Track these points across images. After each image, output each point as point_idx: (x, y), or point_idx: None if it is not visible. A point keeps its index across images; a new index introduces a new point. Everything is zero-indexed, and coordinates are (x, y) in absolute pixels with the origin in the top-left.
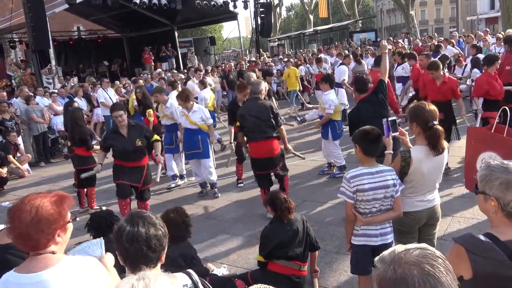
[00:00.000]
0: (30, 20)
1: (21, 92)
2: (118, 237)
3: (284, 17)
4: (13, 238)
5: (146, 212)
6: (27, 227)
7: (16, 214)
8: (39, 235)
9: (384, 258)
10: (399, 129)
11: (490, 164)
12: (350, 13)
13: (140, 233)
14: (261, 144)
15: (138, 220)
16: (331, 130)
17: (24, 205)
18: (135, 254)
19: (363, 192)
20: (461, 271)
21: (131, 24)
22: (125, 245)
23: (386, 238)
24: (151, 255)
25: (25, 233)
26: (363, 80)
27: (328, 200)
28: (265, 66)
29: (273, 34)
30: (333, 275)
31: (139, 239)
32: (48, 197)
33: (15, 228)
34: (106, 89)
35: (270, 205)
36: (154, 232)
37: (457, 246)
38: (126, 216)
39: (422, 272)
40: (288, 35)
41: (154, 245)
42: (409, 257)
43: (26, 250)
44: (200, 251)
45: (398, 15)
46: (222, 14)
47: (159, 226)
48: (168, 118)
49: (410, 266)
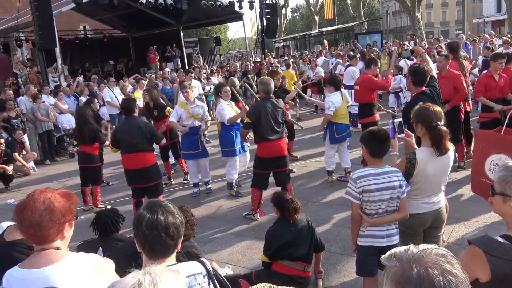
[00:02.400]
0: (37, 19)
1: (28, 90)
2: (138, 224)
3: (289, 18)
4: (24, 229)
5: (163, 201)
6: (40, 217)
7: (29, 204)
8: (51, 225)
9: (401, 257)
10: (405, 131)
11: (508, 165)
12: (356, 15)
13: (159, 221)
14: (275, 143)
15: (157, 208)
16: (329, 133)
17: (37, 196)
18: (153, 241)
19: (369, 193)
20: (477, 273)
21: (137, 23)
22: (145, 232)
23: (392, 239)
24: (169, 242)
25: (37, 223)
26: (423, 71)
27: (332, 201)
28: (270, 67)
29: (278, 35)
30: (338, 276)
31: (158, 227)
32: (58, 191)
33: (26, 219)
34: (112, 88)
35: (276, 205)
36: (172, 220)
37: (474, 247)
38: (144, 204)
39: (443, 272)
40: (293, 36)
41: (172, 233)
42: (430, 256)
43: (35, 243)
44: (204, 250)
45: (403, 17)
46: (228, 14)
47: (177, 214)
48: (196, 118)
49: (432, 265)
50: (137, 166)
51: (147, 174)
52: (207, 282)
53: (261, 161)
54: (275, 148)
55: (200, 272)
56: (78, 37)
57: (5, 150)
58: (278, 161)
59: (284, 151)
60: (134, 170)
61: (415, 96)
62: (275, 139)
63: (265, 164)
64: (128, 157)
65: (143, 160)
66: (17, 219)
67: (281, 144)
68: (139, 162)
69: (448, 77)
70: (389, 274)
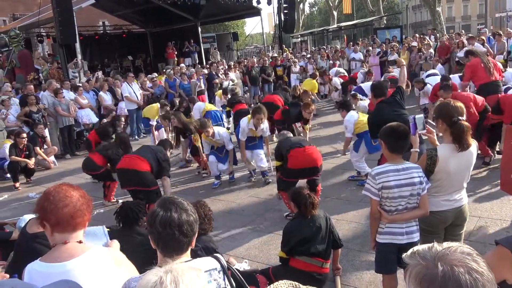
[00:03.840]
0: (58, 15)
1: (50, 85)
2: (151, 221)
3: (307, 13)
4: (63, 216)
5: (177, 198)
6: (78, 201)
7: (67, 192)
8: (86, 212)
9: (425, 255)
10: (427, 127)
11: None
12: (375, 10)
13: (172, 218)
14: (307, 151)
15: (171, 205)
16: (366, 144)
17: (67, 187)
18: (167, 238)
19: (388, 189)
20: (504, 275)
21: (155, 19)
22: (158, 229)
23: (413, 236)
24: (183, 239)
25: (77, 209)
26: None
27: (351, 198)
28: (288, 62)
29: (296, 30)
30: (356, 273)
31: (171, 224)
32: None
33: (67, 205)
34: (130, 83)
35: (293, 201)
36: (186, 217)
37: (501, 248)
38: (158, 201)
39: (469, 270)
40: (311, 31)
41: (186, 230)
42: (455, 254)
43: (66, 231)
44: (221, 245)
45: (424, 11)
46: (246, 9)
47: (191, 212)
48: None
49: (457, 263)
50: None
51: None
52: (222, 277)
53: (293, 171)
54: (307, 158)
55: (215, 268)
56: (98, 32)
57: (27, 144)
58: (310, 172)
59: (318, 161)
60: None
61: (377, 104)
62: (305, 145)
63: (296, 174)
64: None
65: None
66: (51, 207)
67: (313, 154)
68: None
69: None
70: (412, 272)
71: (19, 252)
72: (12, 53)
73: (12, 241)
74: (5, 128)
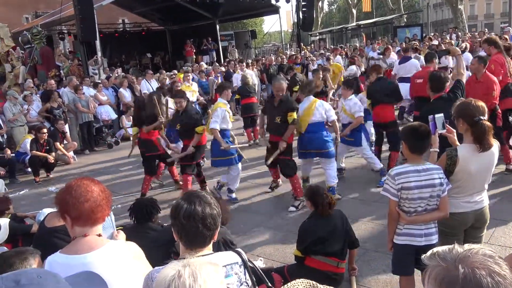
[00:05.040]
0: (79, 13)
1: (70, 81)
2: (175, 214)
3: (326, 11)
4: (84, 211)
5: (201, 191)
6: (99, 196)
7: (89, 187)
8: (106, 207)
9: (445, 257)
10: (447, 127)
11: None
12: (395, 7)
13: (196, 211)
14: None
15: (195, 199)
16: (364, 134)
17: (88, 181)
18: (190, 231)
19: (408, 190)
20: None
21: (174, 17)
22: (182, 222)
23: (431, 238)
24: (206, 233)
25: (97, 204)
26: (440, 77)
27: (368, 197)
28: (306, 60)
29: (314, 28)
30: (372, 274)
31: (195, 217)
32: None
33: (87, 200)
34: (149, 80)
35: (310, 200)
36: (209, 211)
37: None
38: (182, 195)
39: (491, 273)
40: (329, 29)
41: (209, 224)
42: (476, 257)
43: (87, 224)
44: (237, 243)
45: (445, 9)
46: (264, 7)
47: (214, 205)
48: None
49: (479, 265)
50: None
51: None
52: (243, 272)
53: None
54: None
55: (236, 262)
56: (117, 30)
57: (47, 139)
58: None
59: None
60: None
61: (433, 101)
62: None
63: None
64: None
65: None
66: (72, 201)
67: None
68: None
69: (483, 82)
70: (431, 274)
71: (37, 246)
72: (34, 50)
73: (32, 233)
74: (27, 123)
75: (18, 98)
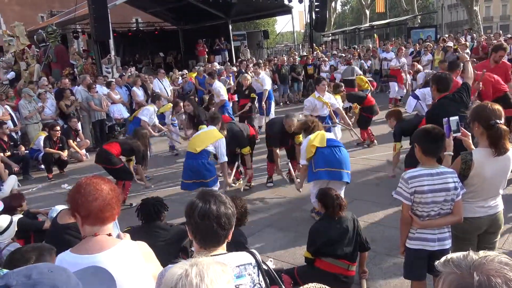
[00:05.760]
0: (93, 12)
1: (84, 80)
2: (190, 213)
3: (339, 12)
4: (93, 209)
5: (216, 191)
6: (108, 195)
7: (98, 186)
8: (115, 206)
9: (460, 264)
10: (462, 130)
11: None
12: (409, 8)
13: (211, 210)
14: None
15: (210, 198)
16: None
17: (98, 180)
18: (205, 230)
19: (421, 194)
20: None
21: (187, 16)
22: (197, 220)
23: (445, 243)
24: (220, 232)
25: (106, 203)
26: (446, 79)
27: (380, 200)
28: (318, 61)
29: (327, 29)
30: (383, 277)
31: (210, 216)
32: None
33: (96, 199)
34: (161, 79)
35: (321, 201)
36: (224, 210)
37: None
38: (197, 194)
39: (507, 281)
40: (342, 30)
41: (224, 223)
42: (492, 264)
43: (96, 223)
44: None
45: (460, 11)
46: (277, 7)
47: (229, 205)
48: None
49: (494, 273)
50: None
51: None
52: (257, 273)
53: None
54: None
55: (250, 263)
56: (131, 29)
57: (60, 137)
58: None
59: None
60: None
61: (438, 100)
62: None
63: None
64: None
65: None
66: (81, 200)
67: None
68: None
69: (501, 67)
70: (445, 281)
71: (49, 242)
72: (49, 49)
73: (44, 230)
74: (41, 121)
75: (33, 96)
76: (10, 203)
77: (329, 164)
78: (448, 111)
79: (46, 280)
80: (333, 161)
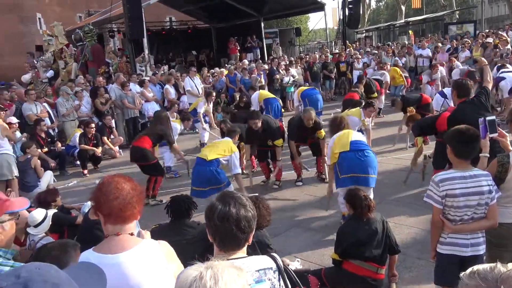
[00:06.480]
0: (128, 11)
1: (118, 78)
2: (210, 215)
3: (373, 8)
4: (113, 208)
5: (236, 192)
6: (128, 194)
7: (118, 184)
8: (136, 205)
9: (486, 276)
10: (499, 130)
11: None
12: (446, 3)
13: (231, 213)
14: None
15: (230, 200)
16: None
17: (120, 178)
18: (224, 233)
19: (453, 198)
20: None
21: (219, 15)
22: (216, 223)
23: (478, 249)
24: (240, 235)
25: (126, 202)
26: (466, 86)
27: (411, 201)
28: (350, 58)
29: (361, 25)
30: (413, 282)
31: (229, 219)
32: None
33: (116, 198)
34: (193, 78)
35: (349, 202)
36: (244, 213)
37: None
38: (218, 196)
39: None
40: (376, 26)
41: (244, 226)
42: None
43: (118, 222)
44: (274, 242)
45: (501, 5)
46: (309, 5)
47: (249, 208)
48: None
49: None
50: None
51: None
52: (277, 278)
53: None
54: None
55: (270, 267)
56: (164, 28)
57: (95, 134)
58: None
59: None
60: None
61: (459, 104)
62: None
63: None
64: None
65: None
66: (103, 198)
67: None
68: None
69: None
70: None
71: (81, 237)
72: (86, 47)
73: (77, 225)
74: (77, 118)
75: (71, 94)
76: (45, 198)
77: (353, 170)
78: (466, 114)
79: (36, 277)
80: (357, 166)
